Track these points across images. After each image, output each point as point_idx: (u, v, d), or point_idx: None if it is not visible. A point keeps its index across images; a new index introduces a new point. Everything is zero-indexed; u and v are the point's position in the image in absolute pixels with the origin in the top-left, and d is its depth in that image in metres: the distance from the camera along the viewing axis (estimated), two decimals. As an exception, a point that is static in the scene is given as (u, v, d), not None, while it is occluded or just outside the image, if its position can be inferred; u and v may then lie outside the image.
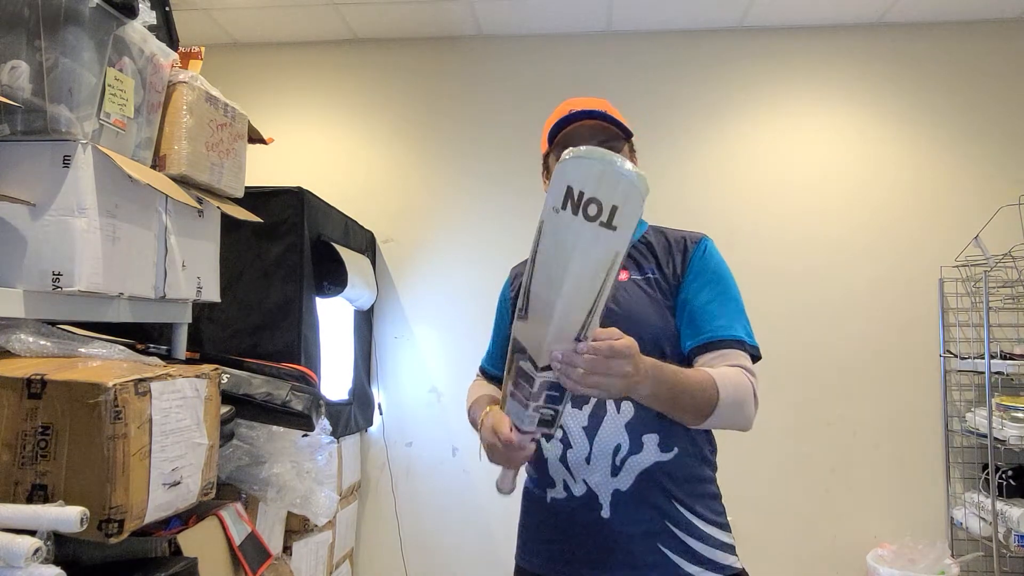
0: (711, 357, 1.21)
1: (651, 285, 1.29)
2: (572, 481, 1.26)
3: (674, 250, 1.32)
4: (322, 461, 1.97)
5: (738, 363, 1.20)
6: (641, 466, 1.21)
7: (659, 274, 1.30)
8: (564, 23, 3.34)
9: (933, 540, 2.86)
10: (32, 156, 1.27)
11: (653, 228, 1.40)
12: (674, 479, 1.22)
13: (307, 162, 3.48)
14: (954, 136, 3.21)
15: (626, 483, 1.21)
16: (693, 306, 1.25)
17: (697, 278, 1.28)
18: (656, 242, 1.35)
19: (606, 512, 1.22)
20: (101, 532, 1.09)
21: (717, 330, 1.23)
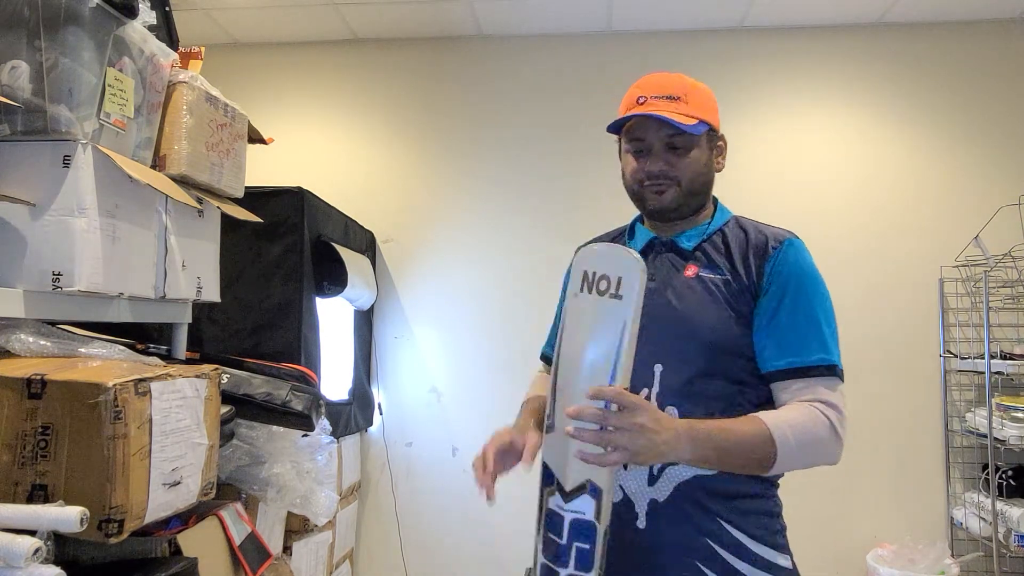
0: (790, 388, 1.13)
1: (717, 286, 1.18)
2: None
3: (752, 250, 1.20)
4: (322, 461, 1.97)
5: (817, 396, 1.11)
6: (680, 478, 1.13)
7: (731, 275, 1.19)
8: (564, 23, 3.34)
9: (933, 540, 2.86)
10: (32, 156, 1.27)
11: (736, 219, 1.29)
12: (717, 494, 1.14)
13: (307, 162, 3.48)
14: (954, 136, 3.20)
15: (663, 494, 1.14)
16: (771, 321, 1.15)
17: (776, 287, 1.16)
18: (733, 237, 1.24)
19: (641, 522, 1.15)
20: (101, 532, 1.09)
21: (799, 354, 1.13)
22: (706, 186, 1.26)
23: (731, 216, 1.30)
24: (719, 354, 1.15)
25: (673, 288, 1.20)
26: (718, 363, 1.15)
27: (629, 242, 1.32)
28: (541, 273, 3.31)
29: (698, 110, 1.21)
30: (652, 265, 1.23)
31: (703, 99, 1.24)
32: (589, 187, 3.31)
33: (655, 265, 1.24)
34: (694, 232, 1.26)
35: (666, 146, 1.21)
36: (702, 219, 1.28)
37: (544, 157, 3.36)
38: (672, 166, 1.21)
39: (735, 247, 1.22)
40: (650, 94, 1.23)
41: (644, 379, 1.15)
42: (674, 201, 1.22)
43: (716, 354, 1.15)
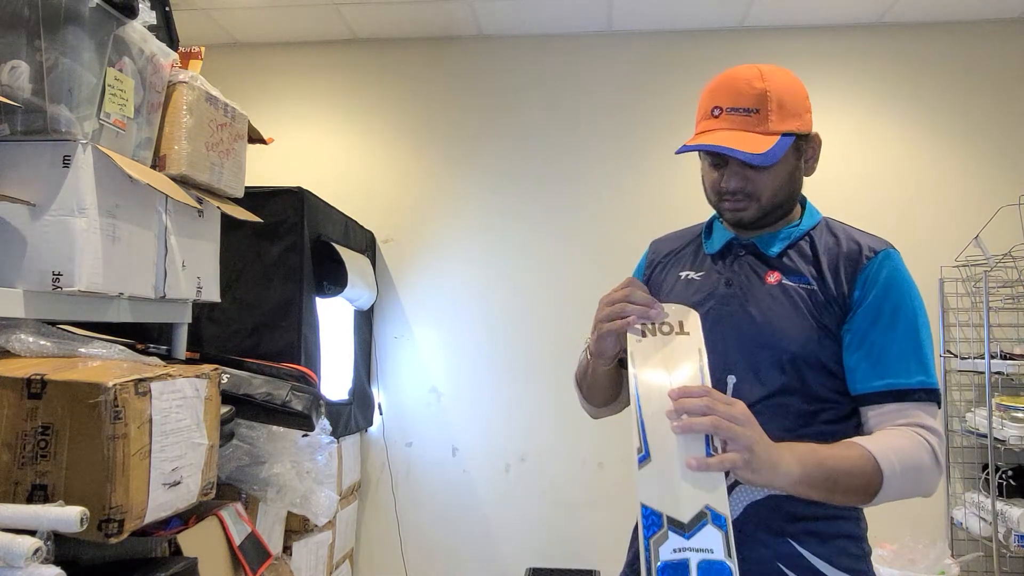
0: (885, 411, 1.04)
1: (802, 295, 1.10)
2: None
3: (843, 259, 1.11)
4: (322, 461, 1.97)
5: (916, 422, 1.03)
6: (752, 497, 1.07)
7: (818, 284, 1.10)
8: (564, 23, 3.34)
9: (933, 540, 2.86)
10: (32, 156, 1.27)
11: (827, 222, 1.20)
12: (792, 516, 1.06)
13: (307, 162, 3.48)
14: (954, 136, 3.20)
15: (734, 513, 1.06)
16: (866, 338, 1.06)
17: (871, 301, 1.07)
18: (823, 244, 1.15)
19: None
20: (101, 532, 1.09)
21: (897, 375, 1.04)
22: (791, 196, 1.17)
23: (821, 218, 1.21)
24: (801, 368, 1.07)
25: (753, 295, 1.13)
26: (798, 378, 1.07)
27: (705, 242, 1.25)
28: (541, 273, 3.31)
29: (780, 121, 1.09)
30: (730, 269, 1.17)
31: (787, 102, 1.11)
32: (589, 187, 3.32)
33: (733, 269, 1.17)
34: (780, 236, 1.17)
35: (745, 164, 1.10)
36: (789, 221, 1.19)
37: (544, 157, 3.36)
38: (751, 181, 1.11)
39: (824, 254, 1.13)
40: (726, 105, 1.11)
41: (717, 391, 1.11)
42: (754, 216, 1.14)
43: (797, 368, 1.07)
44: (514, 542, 3.19)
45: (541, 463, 3.24)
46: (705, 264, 1.22)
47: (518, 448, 3.25)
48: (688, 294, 1.18)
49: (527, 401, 3.26)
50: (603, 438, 3.18)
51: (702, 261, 1.23)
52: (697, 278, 1.20)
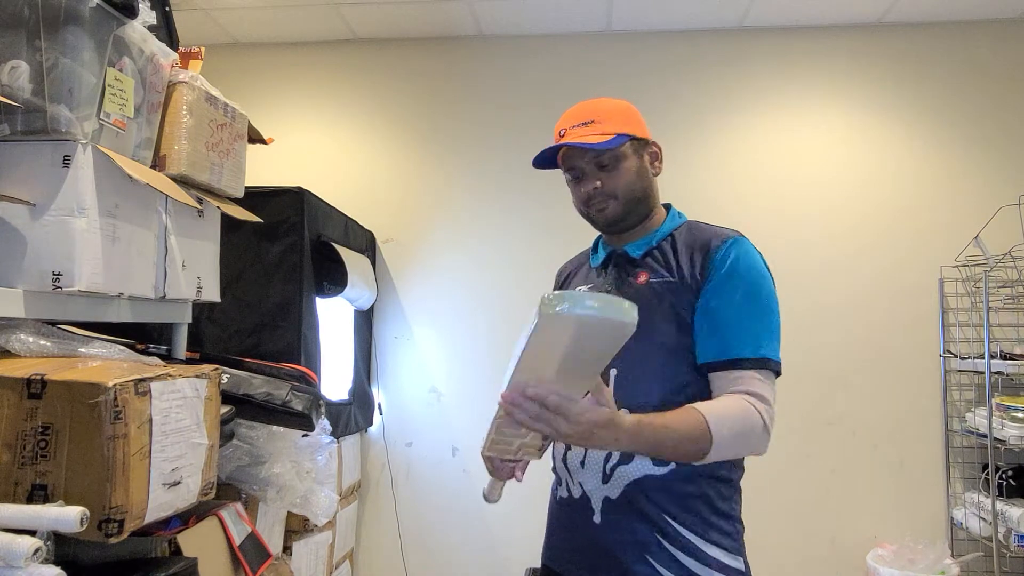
0: (724, 379, 1.17)
1: (665, 290, 1.23)
2: (571, 482, 1.28)
3: (696, 250, 1.25)
4: (322, 461, 1.97)
5: (749, 389, 1.14)
6: (630, 477, 1.20)
7: (676, 276, 1.24)
8: (564, 23, 3.34)
9: (933, 540, 2.86)
10: (32, 156, 1.27)
11: (689, 224, 1.34)
12: (668, 494, 1.19)
13: (307, 162, 3.48)
14: (954, 136, 3.20)
15: (615, 492, 1.21)
16: (708, 315, 1.19)
17: (716, 283, 1.20)
18: (682, 240, 1.29)
19: (597, 518, 1.23)
20: (101, 532, 1.09)
21: (732, 347, 1.17)
22: (645, 192, 1.32)
23: (684, 221, 1.36)
24: (667, 356, 1.21)
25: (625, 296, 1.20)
26: (667, 365, 1.21)
27: (593, 256, 1.43)
28: (541, 273, 3.30)
29: (613, 126, 1.27)
30: (608, 276, 1.33)
31: (617, 115, 1.30)
32: (589, 187, 3.31)
33: (611, 276, 1.33)
34: (642, 241, 1.33)
35: (595, 166, 1.29)
36: (651, 227, 1.35)
37: (544, 157, 3.36)
38: (604, 183, 1.29)
39: (682, 249, 1.27)
40: (568, 125, 1.30)
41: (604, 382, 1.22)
42: (616, 213, 1.31)
43: (665, 356, 1.21)
44: (514, 542, 3.18)
45: (541, 463, 3.23)
46: (590, 277, 1.40)
47: (518, 448, 3.25)
48: None
49: (527, 401, 3.25)
50: (603, 438, 3.17)
51: (590, 275, 1.41)
52: (587, 289, 1.37)
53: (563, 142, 1.29)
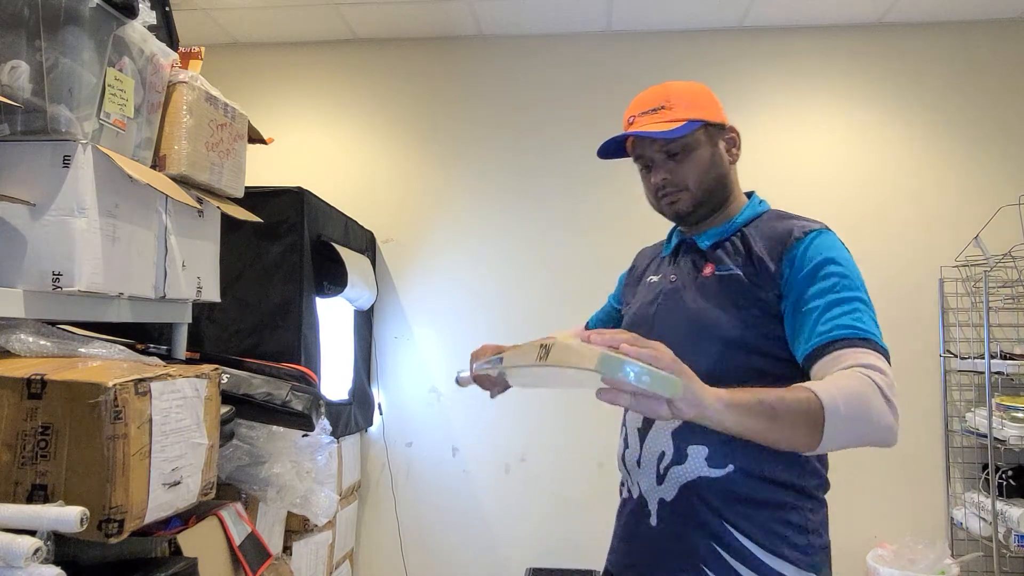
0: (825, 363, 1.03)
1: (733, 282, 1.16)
2: (630, 482, 1.24)
3: (775, 242, 1.16)
4: (322, 461, 1.97)
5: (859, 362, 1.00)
6: (684, 478, 1.13)
7: (747, 269, 1.16)
8: (564, 23, 3.34)
9: (933, 540, 2.86)
10: (32, 156, 1.27)
11: (771, 213, 1.26)
12: (726, 498, 1.11)
13: (307, 162, 3.48)
14: (954, 136, 3.20)
15: (670, 493, 1.15)
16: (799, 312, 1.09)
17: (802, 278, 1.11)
18: (759, 231, 1.20)
19: (653, 520, 1.17)
20: (101, 532, 1.09)
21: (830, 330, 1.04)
22: (719, 181, 1.26)
23: (765, 210, 1.27)
24: (733, 352, 1.12)
25: (690, 288, 1.22)
26: (731, 361, 1.12)
27: (666, 244, 1.39)
28: (541, 273, 3.31)
29: (685, 111, 1.21)
30: (676, 267, 1.29)
31: (689, 99, 1.23)
32: (589, 187, 3.32)
33: (679, 266, 1.28)
34: (715, 231, 1.26)
35: (665, 155, 1.23)
36: (727, 216, 1.27)
37: (544, 157, 3.36)
38: (675, 173, 1.23)
39: (760, 241, 1.18)
40: (636, 112, 1.24)
41: None
42: (689, 205, 1.25)
43: (730, 352, 1.12)
44: (514, 542, 3.19)
45: (541, 463, 3.24)
46: (662, 266, 1.35)
47: (518, 448, 3.25)
48: (646, 296, 1.32)
49: (527, 401, 3.26)
50: (603, 438, 3.18)
51: (661, 264, 1.36)
52: (655, 280, 1.33)
53: (629, 131, 1.23)
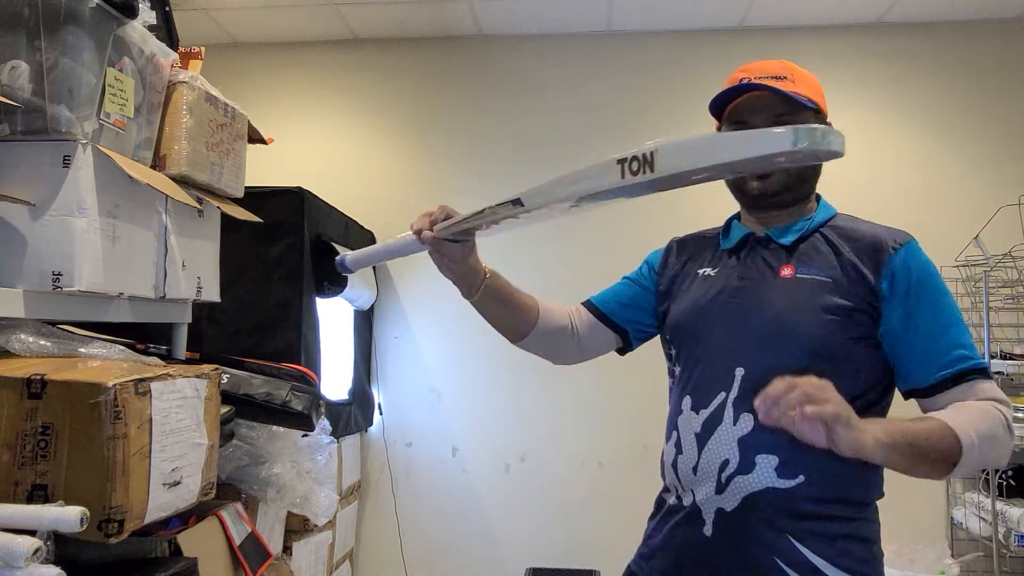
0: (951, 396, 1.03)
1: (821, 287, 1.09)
2: (681, 490, 1.15)
3: (866, 251, 1.10)
4: (322, 461, 1.97)
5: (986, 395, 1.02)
6: (748, 488, 1.06)
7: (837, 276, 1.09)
8: (564, 23, 3.34)
9: (933, 540, 2.86)
10: (32, 156, 1.27)
11: (844, 217, 1.20)
12: (793, 512, 1.05)
13: (307, 162, 3.48)
14: (954, 136, 3.20)
15: (731, 503, 1.06)
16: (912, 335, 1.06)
17: (906, 298, 1.07)
18: (841, 235, 1.14)
19: (708, 530, 1.09)
20: (101, 532, 1.09)
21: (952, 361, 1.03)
22: (813, 173, 1.19)
23: (835, 213, 1.21)
24: (819, 362, 1.03)
25: (765, 289, 1.13)
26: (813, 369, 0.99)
27: (723, 240, 1.27)
28: (541, 272, 3.30)
29: (807, 91, 1.15)
30: (744, 263, 1.19)
31: (810, 83, 1.19)
32: (589, 187, 3.31)
33: (747, 263, 1.18)
34: (794, 227, 1.18)
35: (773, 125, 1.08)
36: (804, 213, 1.20)
37: (544, 156, 3.36)
38: None
39: (845, 246, 1.12)
40: (754, 75, 1.15)
41: (722, 382, 1.10)
42: (779, 184, 1.14)
43: (815, 362, 1.03)
44: (514, 542, 3.18)
45: (541, 463, 3.23)
46: (722, 260, 1.23)
47: (518, 448, 3.25)
48: (704, 290, 1.21)
49: (527, 401, 3.26)
50: (603, 438, 3.18)
51: (719, 258, 1.25)
52: (713, 274, 1.22)
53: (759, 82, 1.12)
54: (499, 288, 1.27)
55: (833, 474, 1.05)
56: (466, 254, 1.20)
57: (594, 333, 1.34)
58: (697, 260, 1.28)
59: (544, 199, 0.98)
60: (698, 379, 1.15)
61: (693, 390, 1.15)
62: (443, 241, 1.16)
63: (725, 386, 1.10)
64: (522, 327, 1.30)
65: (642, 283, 1.36)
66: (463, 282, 1.23)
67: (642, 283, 1.36)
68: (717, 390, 1.11)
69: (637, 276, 1.38)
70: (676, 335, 1.23)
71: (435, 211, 1.16)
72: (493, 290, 1.26)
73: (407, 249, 1.23)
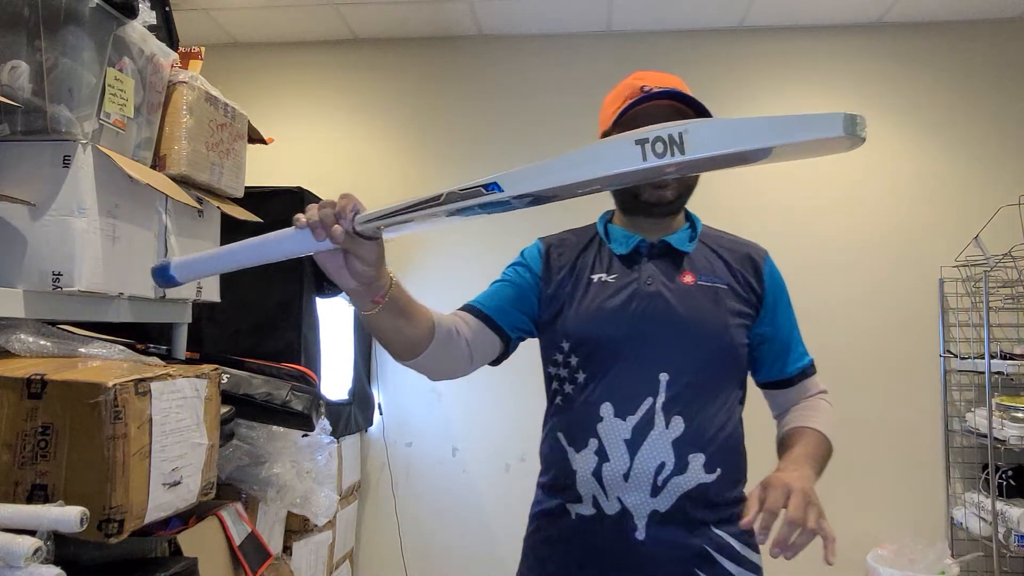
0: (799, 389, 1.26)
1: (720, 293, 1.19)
2: (604, 498, 1.14)
3: (743, 262, 1.24)
4: (322, 461, 1.97)
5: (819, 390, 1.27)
6: (684, 487, 1.11)
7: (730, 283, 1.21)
8: (564, 23, 3.34)
9: (933, 540, 2.86)
10: (32, 156, 1.27)
11: (708, 229, 1.30)
12: (715, 502, 1.14)
13: (307, 162, 3.48)
14: (954, 136, 3.20)
15: (666, 504, 1.11)
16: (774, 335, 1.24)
17: (773, 299, 1.24)
18: (720, 246, 1.26)
19: (641, 534, 1.11)
20: (101, 532, 1.09)
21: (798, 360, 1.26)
22: (696, 182, 1.24)
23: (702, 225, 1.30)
24: (727, 364, 1.18)
25: (676, 294, 1.18)
26: (724, 370, 1.18)
27: (613, 246, 1.27)
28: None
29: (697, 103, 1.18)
30: (645, 270, 1.21)
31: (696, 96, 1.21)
32: (589, 187, 3.31)
33: (649, 270, 1.21)
34: (683, 235, 1.25)
35: None
36: (683, 223, 1.29)
37: (544, 156, 3.36)
38: None
39: (726, 255, 1.24)
40: (655, 85, 1.18)
41: (648, 388, 1.14)
42: (674, 194, 1.20)
43: (724, 362, 1.18)
44: (514, 542, 3.17)
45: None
46: (615, 266, 1.24)
47: (518, 448, 3.25)
48: (606, 296, 1.20)
49: (527, 401, 3.24)
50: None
51: (611, 263, 1.25)
52: (611, 280, 1.22)
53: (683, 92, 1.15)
54: (402, 297, 1.08)
55: (734, 462, 1.18)
56: (381, 256, 0.99)
57: (482, 340, 1.24)
58: (586, 265, 1.27)
59: (531, 185, 0.87)
60: (617, 386, 1.15)
61: (612, 397, 1.15)
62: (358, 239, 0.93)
63: (651, 391, 1.13)
64: (422, 341, 1.14)
65: (523, 286, 1.30)
66: (369, 292, 1.01)
67: (523, 286, 1.30)
68: (643, 396, 1.13)
69: (515, 277, 1.32)
70: (580, 342, 1.20)
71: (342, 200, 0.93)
72: (397, 299, 1.06)
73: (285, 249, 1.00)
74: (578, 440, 1.17)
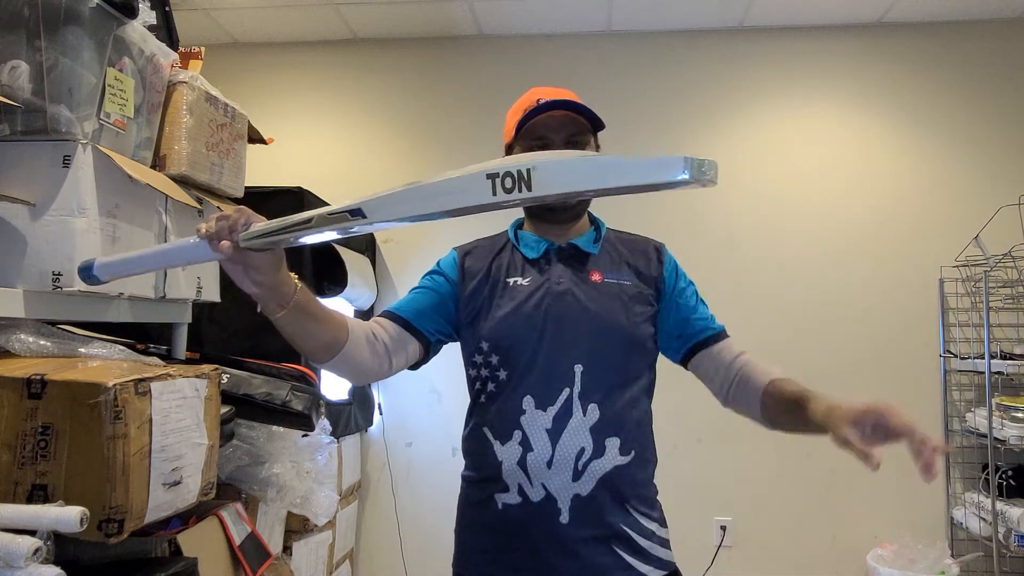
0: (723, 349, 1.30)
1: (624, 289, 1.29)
2: (529, 486, 1.21)
3: (645, 255, 1.35)
4: (322, 461, 1.97)
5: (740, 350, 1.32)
6: (602, 470, 1.20)
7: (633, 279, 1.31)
8: (564, 23, 3.34)
9: (933, 540, 2.86)
10: (32, 156, 1.27)
11: (612, 231, 1.40)
12: (629, 482, 1.22)
13: (307, 162, 3.48)
14: (954, 136, 3.20)
15: (587, 488, 1.19)
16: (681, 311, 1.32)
17: (678, 282, 1.34)
18: (622, 243, 1.37)
19: (564, 517, 1.18)
20: (101, 532, 1.09)
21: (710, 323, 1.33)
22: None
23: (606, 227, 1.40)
24: (633, 351, 1.27)
25: (583, 291, 1.27)
26: (632, 360, 1.27)
27: (525, 250, 1.35)
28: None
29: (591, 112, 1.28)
30: (555, 270, 1.30)
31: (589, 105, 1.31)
32: (589, 187, 3.31)
33: (558, 270, 1.30)
34: (588, 237, 1.35)
35: (567, 145, 1.27)
36: (588, 226, 1.38)
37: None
38: None
39: (627, 252, 1.35)
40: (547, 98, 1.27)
41: (565, 379, 1.22)
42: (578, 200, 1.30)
43: (632, 352, 1.27)
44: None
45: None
46: (527, 269, 1.33)
47: (518, 448, 3.25)
48: (521, 297, 1.29)
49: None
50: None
51: (524, 267, 1.34)
52: (525, 282, 1.31)
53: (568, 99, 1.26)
54: (309, 301, 1.11)
55: (644, 443, 1.26)
56: (276, 265, 1.02)
57: (401, 344, 1.31)
58: (501, 270, 1.35)
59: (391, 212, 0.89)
60: (537, 380, 1.23)
61: (533, 390, 1.23)
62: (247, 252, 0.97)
63: (568, 382, 1.22)
64: (335, 343, 1.17)
65: (440, 291, 1.37)
66: (272, 297, 1.04)
67: (440, 291, 1.37)
68: (560, 387, 1.21)
69: (433, 285, 1.39)
70: (499, 342, 1.28)
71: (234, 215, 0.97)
72: (304, 303, 1.09)
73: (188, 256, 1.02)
74: (503, 433, 1.25)
